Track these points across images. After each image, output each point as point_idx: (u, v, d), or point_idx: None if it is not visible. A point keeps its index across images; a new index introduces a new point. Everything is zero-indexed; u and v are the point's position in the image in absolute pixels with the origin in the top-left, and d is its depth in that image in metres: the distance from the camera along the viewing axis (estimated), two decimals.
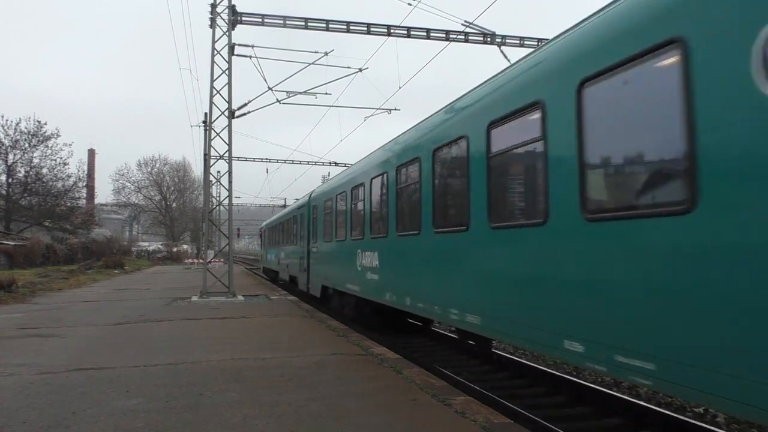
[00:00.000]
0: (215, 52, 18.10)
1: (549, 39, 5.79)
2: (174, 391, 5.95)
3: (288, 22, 18.40)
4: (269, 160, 47.63)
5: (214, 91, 18.17)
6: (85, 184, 57.52)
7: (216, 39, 18.10)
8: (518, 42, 19.15)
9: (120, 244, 62.13)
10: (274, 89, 19.72)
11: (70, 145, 54.60)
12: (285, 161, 47.46)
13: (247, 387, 6.15)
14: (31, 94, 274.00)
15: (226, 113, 18.33)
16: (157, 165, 74.40)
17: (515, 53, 18.29)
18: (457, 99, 7.75)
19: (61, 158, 48.37)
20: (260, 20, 18.39)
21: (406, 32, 18.74)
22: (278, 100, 20.23)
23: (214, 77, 18.13)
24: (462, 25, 18.02)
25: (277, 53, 20.65)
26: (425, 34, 18.89)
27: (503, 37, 18.93)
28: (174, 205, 76.58)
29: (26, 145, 46.52)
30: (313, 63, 19.25)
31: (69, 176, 49.78)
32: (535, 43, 18.52)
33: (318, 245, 15.95)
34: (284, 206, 51.91)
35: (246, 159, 45.18)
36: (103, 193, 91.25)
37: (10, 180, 46.46)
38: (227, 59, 18.18)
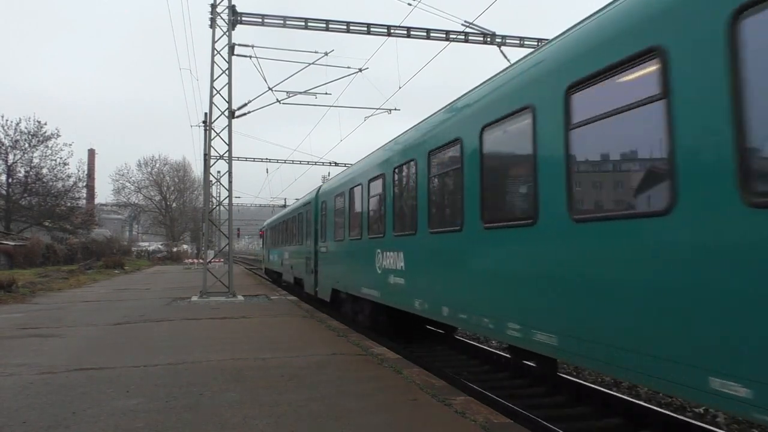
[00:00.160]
0: (215, 52, 18.11)
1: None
2: (174, 391, 5.96)
3: (288, 22, 18.40)
4: (269, 160, 47.75)
5: (214, 91, 18.18)
6: (85, 184, 57.54)
7: (216, 39, 18.11)
8: (518, 42, 19.14)
9: (120, 244, 62.11)
10: (274, 89, 19.75)
11: (70, 145, 54.92)
12: (285, 161, 47.52)
13: (247, 387, 6.15)
14: (31, 94, 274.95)
15: (226, 113, 18.34)
16: (157, 165, 74.51)
17: (515, 53, 18.33)
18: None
19: (61, 158, 48.49)
20: (260, 20, 18.39)
21: (406, 32, 18.74)
22: (278, 100, 20.27)
23: (214, 77, 18.15)
24: (462, 25, 18.05)
25: (277, 53, 20.66)
26: (425, 34, 18.89)
27: (503, 37, 18.93)
28: (174, 205, 76.58)
29: (26, 145, 46.62)
30: (313, 63, 19.29)
31: (69, 176, 49.91)
32: (535, 43, 18.52)
33: (327, 245, 14.82)
34: (284, 206, 51.73)
35: (246, 159, 45.28)
36: (103, 193, 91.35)
37: (10, 180, 46.51)
38: (227, 59, 18.19)
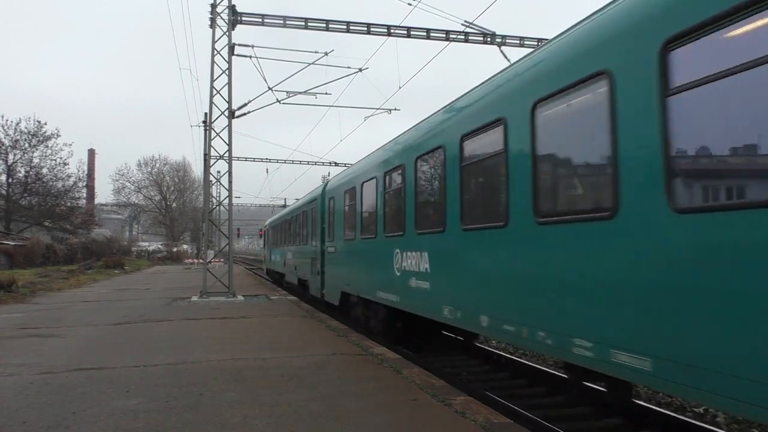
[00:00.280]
0: (215, 52, 18.11)
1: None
2: (174, 391, 5.96)
3: (288, 22, 18.41)
4: (269, 160, 47.73)
5: (214, 91, 18.18)
6: (85, 184, 57.55)
7: (216, 39, 18.11)
8: (518, 42, 19.14)
9: (120, 244, 62.10)
10: (274, 89, 19.75)
11: (70, 145, 54.87)
12: (285, 161, 47.51)
13: (247, 387, 6.15)
14: (31, 94, 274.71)
15: (226, 113, 18.34)
16: (157, 165, 74.48)
17: (515, 53, 18.34)
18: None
19: (61, 158, 48.48)
20: (260, 20, 18.39)
21: (406, 32, 18.74)
22: (278, 100, 20.27)
23: (214, 77, 18.15)
24: (462, 25, 18.04)
25: (277, 53, 20.70)
26: (425, 34, 18.89)
27: (503, 37, 18.94)
28: (174, 205, 76.57)
29: (26, 145, 46.62)
30: (313, 63, 19.29)
31: (69, 176, 49.91)
32: (535, 43, 18.52)
33: (336, 244, 13.74)
34: (284, 206, 51.62)
35: (246, 159, 45.27)
36: (103, 193, 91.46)
37: (10, 180, 46.52)
38: (227, 59, 18.20)
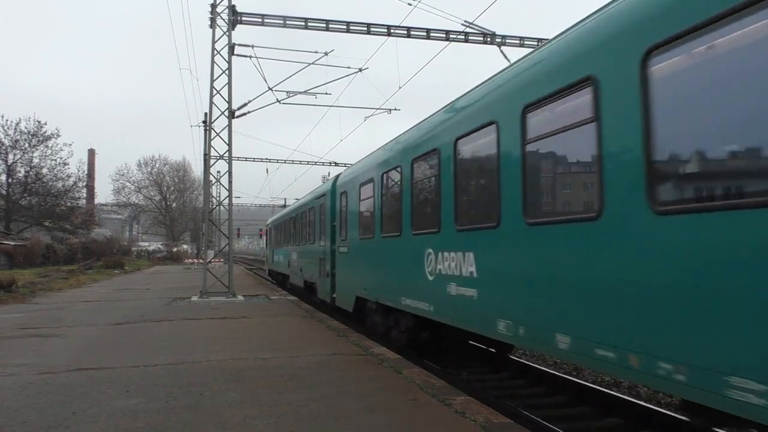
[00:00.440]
0: (215, 52, 18.11)
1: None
2: (174, 391, 5.96)
3: (288, 22, 18.41)
4: (269, 160, 47.76)
5: (214, 91, 18.18)
6: (85, 184, 57.54)
7: (216, 39, 18.11)
8: (518, 42, 19.14)
9: (120, 244, 62.10)
10: (274, 89, 19.75)
11: (70, 145, 55.10)
12: (285, 161, 47.53)
13: (247, 387, 6.15)
14: (31, 94, 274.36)
15: (226, 113, 18.34)
16: (157, 165, 74.51)
17: (515, 53, 18.33)
18: None
19: (61, 158, 48.49)
20: (260, 20, 18.40)
21: (406, 32, 18.74)
22: (278, 100, 20.27)
23: (214, 77, 18.15)
24: (462, 25, 18.04)
25: (277, 53, 20.70)
26: (425, 34, 18.89)
27: (503, 37, 18.94)
28: (174, 205, 76.58)
29: (26, 145, 46.63)
30: (313, 63, 19.29)
31: (69, 176, 49.91)
32: (535, 43, 18.52)
33: (349, 244, 12.56)
34: (284, 206, 51.57)
35: (246, 159, 45.28)
36: (103, 193, 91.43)
37: (10, 180, 46.52)
38: (227, 59, 18.19)
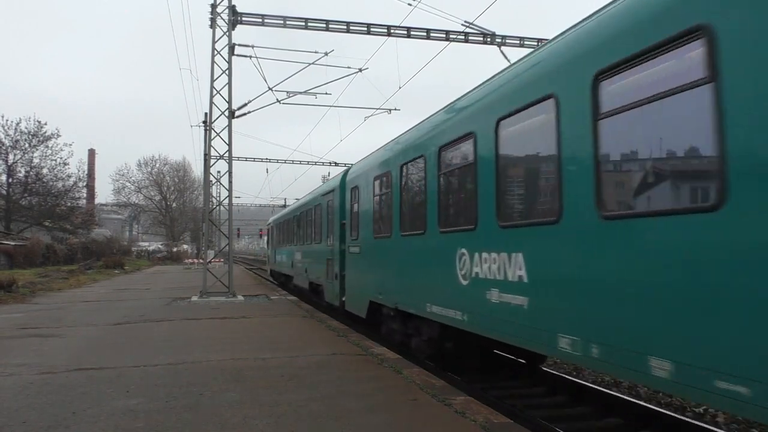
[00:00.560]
0: (215, 52, 18.11)
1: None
2: (174, 391, 5.96)
3: (288, 22, 18.41)
4: (269, 160, 47.82)
5: (214, 91, 18.19)
6: (85, 184, 57.50)
7: (216, 39, 18.11)
8: (518, 42, 19.15)
9: (120, 244, 62.07)
10: (274, 89, 19.77)
11: (70, 145, 55.08)
12: (285, 161, 47.56)
13: (247, 387, 6.16)
14: (31, 94, 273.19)
15: (226, 113, 18.35)
16: (157, 165, 74.47)
17: (515, 53, 18.33)
18: None
19: (61, 158, 48.49)
20: (260, 20, 18.40)
21: (406, 32, 18.75)
22: (278, 100, 20.28)
23: (214, 77, 18.15)
24: (462, 25, 18.05)
25: (277, 53, 20.69)
26: (425, 34, 18.89)
27: (503, 37, 18.94)
28: (174, 205, 76.55)
29: (26, 145, 46.63)
30: (313, 63, 19.30)
31: (69, 176, 49.92)
32: (535, 43, 18.51)
33: (361, 243, 11.59)
34: (284, 206, 51.49)
35: (246, 159, 45.31)
36: (103, 193, 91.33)
37: (10, 180, 46.52)
38: (227, 59, 18.20)
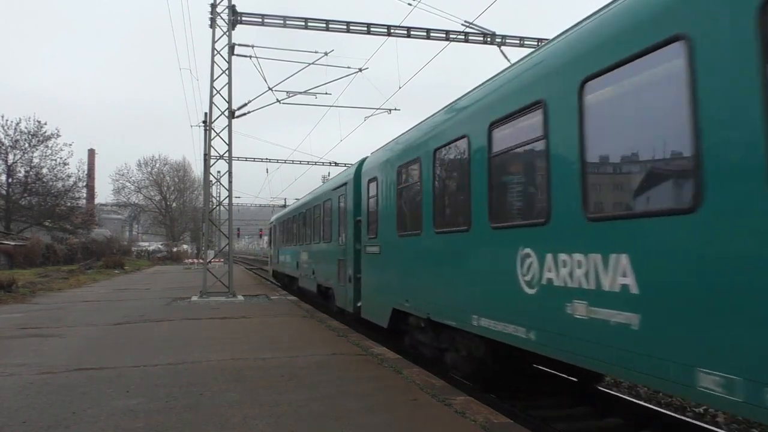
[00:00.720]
0: (215, 52, 18.11)
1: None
2: (174, 391, 5.96)
3: (288, 22, 18.41)
4: (269, 160, 47.78)
5: (214, 91, 18.18)
6: (85, 184, 57.46)
7: (216, 39, 18.11)
8: (518, 42, 19.14)
9: (120, 244, 62.04)
10: (274, 89, 19.76)
11: (70, 145, 55.02)
12: (285, 161, 47.53)
13: (247, 387, 6.16)
14: (31, 94, 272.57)
15: (226, 113, 18.34)
16: (157, 165, 74.42)
17: (515, 53, 18.34)
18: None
19: (61, 158, 48.42)
20: (260, 20, 18.39)
21: (406, 32, 18.74)
22: (278, 100, 20.27)
23: (214, 77, 18.15)
24: (462, 25, 18.04)
25: (277, 53, 20.73)
26: (425, 34, 18.89)
27: (503, 37, 18.93)
28: (174, 205, 76.52)
29: (26, 145, 46.57)
30: (313, 63, 19.29)
31: (69, 176, 49.84)
32: (535, 43, 18.51)
33: (382, 242, 10.16)
34: (284, 206, 51.42)
35: (246, 159, 45.26)
36: (103, 193, 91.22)
37: (10, 180, 46.48)
38: (227, 59, 18.19)
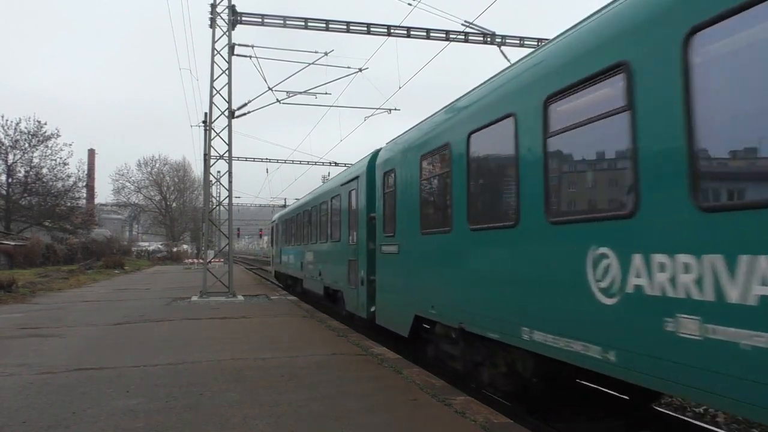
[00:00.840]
0: (215, 52, 18.11)
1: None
2: (174, 391, 5.96)
3: (288, 22, 18.40)
4: (269, 160, 47.79)
5: (214, 91, 18.18)
6: (85, 184, 57.40)
7: (216, 39, 18.11)
8: (518, 42, 19.14)
9: (120, 244, 62.00)
10: (274, 89, 19.76)
11: (70, 145, 54.95)
12: (285, 161, 47.54)
13: (247, 387, 6.16)
14: (31, 94, 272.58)
15: (226, 113, 18.34)
16: (157, 165, 74.32)
17: (515, 53, 18.33)
18: None
19: (61, 158, 48.34)
20: (260, 20, 18.39)
21: (406, 32, 18.74)
22: (278, 100, 20.27)
23: (214, 77, 18.15)
24: (462, 25, 18.02)
25: (277, 53, 20.78)
26: (425, 34, 18.89)
27: (503, 37, 18.93)
28: (174, 205, 76.46)
29: (26, 145, 46.50)
30: (313, 63, 19.29)
31: (69, 176, 49.76)
32: (535, 43, 18.51)
33: (401, 241, 9.04)
34: (284, 206, 51.39)
35: (246, 159, 45.27)
36: (103, 193, 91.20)
37: (10, 180, 46.43)
38: (227, 59, 18.19)
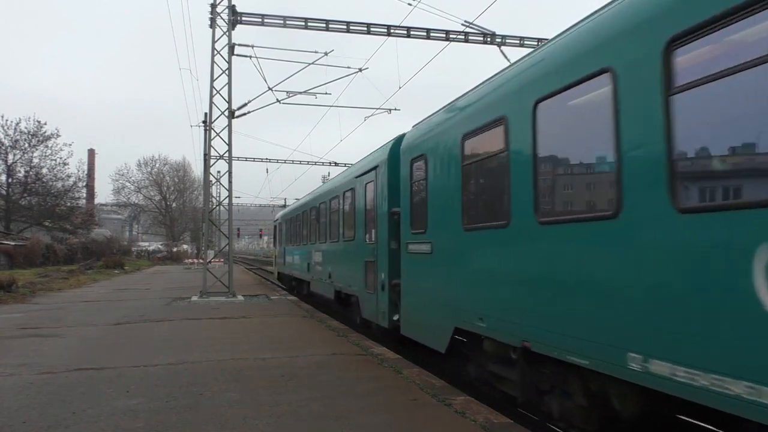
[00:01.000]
0: (215, 52, 18.11)
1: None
2: (174, 391, 5.96)
3: (288, 22, 18.40)
4: (269, 160, 47.76)
5: (214, 91, 18.19)
6: (85, 184, 57.38)
7: (216, 39, 18.11)
8: (518, 42, 19.14)
9: (120, 244, 61.99)
10: (274, 89, 19.76)
11: (70, 145, 54.83)
12: (285, 161, 47.53)
13: (247, 387, 6.16)
14: (31, 94, 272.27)
15: (226, 113, 18.34)
16: (157, 165, 74.26)
17: (515, 53, 18.32)
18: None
19: (61, 158, 48.30)
20: (260, 20, 18.39)
21: (406, 32, 18.74)
22: (278, 100, 20.27)
23: (214, 77, 18.15)
24: (462, 25, 18.03)
25: (277, 53, 20.78)
26: (425, 34, 18.89)
27: (503, 37, 18.93)
28: (174, 205, 76.43)
29: (26, 145, 46.47)
30: (313, 63, 19.30)
31: (69, 176, 49.72)
32: (535, 43, 18.50)
33: (435, 238, 7.72)
34: (284, 206, 51.33)
35: (246, 159, 45.27)
36: (103, 193, 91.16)
37: (10, 180, 46.42)
38: (227, 59, 18.20)
